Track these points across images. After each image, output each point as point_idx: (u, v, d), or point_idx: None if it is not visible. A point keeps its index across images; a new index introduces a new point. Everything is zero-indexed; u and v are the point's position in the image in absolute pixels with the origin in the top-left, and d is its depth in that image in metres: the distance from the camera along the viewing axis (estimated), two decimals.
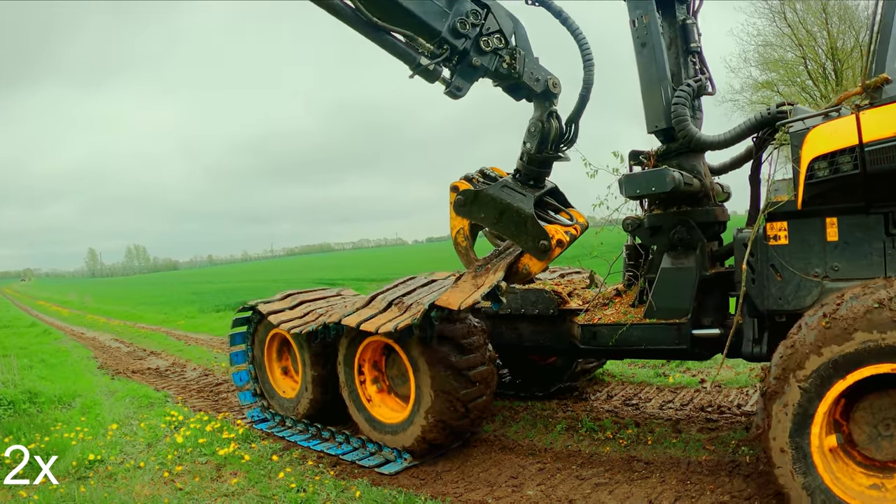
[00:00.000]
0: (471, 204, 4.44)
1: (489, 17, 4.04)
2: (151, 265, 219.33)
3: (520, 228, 4.25)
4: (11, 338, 17.10)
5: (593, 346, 5.07)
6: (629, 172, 4.91)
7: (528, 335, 5.55)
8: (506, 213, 4.30)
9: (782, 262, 3.86)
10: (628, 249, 5.37)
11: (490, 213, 4.37)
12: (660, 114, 4.78)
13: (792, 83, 22.68)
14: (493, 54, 4.09)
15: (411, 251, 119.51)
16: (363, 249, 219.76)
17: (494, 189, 4.37)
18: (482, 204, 4.40)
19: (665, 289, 4.71)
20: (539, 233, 4.16)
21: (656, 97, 4.80)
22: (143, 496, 4.63)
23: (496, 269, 4.44)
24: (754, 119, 4.46)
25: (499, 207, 4.32)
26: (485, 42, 4.01)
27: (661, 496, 4.01)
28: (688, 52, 4.99)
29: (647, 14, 4.77)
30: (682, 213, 4.80)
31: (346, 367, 5.36)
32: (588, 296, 5.60)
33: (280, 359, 6.48)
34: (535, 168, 4.38)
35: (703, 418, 5.49)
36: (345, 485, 4.60)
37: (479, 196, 4.40)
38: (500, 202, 4.32)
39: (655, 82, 4.81)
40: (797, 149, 3.66)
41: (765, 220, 3.94)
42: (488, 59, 4.08)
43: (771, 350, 4.07)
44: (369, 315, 4.86)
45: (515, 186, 4.38)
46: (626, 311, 5.04)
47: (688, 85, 4.72)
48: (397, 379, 5.32)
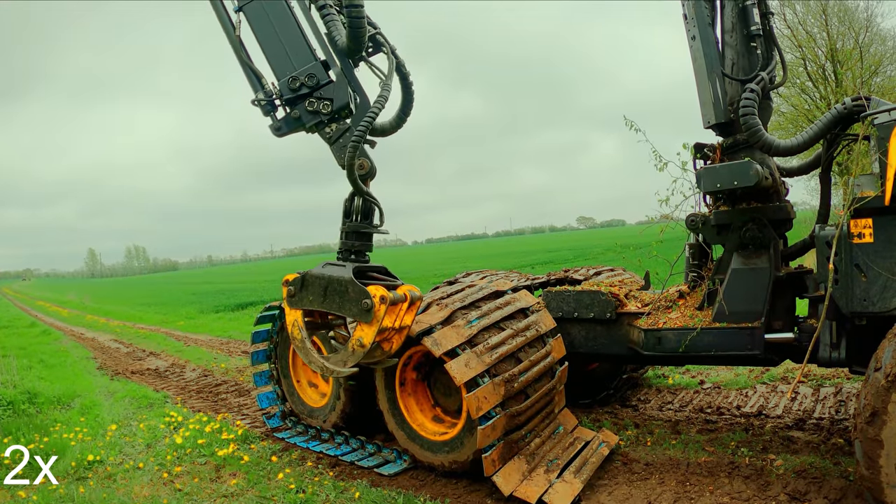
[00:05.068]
0: (299, 291, 4.37)
1: (329, 86, 4.38)
2: (151, 266, 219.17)
3: (343, 297, 4.15)
4: (11, 338, 17.11)
5: (658, 353, 4.72)
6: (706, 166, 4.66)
7: (581, 341, 5.21)
8: (329, 286, 4.23)
9: (867, 261, 3.67)
10: (692, 248, 5.09)
11: (316, 292, 4.28)
12: (711, 109, 4.62)
13: (791, 84, 22.66)
14: (315, 115, 4.41)
15: (411, 252, 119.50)
16: None
17: (317, 269, 4.36)
18: (308, 286, 4.35)
19: (737, 290, 4.46)
20: (360, 294, 4.05)
21: (706, 92, 4.63)
22: (143, 497, 4.63)
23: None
24: (831, 116, 4.19)
25: (322, 284, 4.27)
26: (310, 103, 4.38)
27: (660, 497, 4.01)
28: (749, 37, 4.72)
29: (695, 5, 4.65)
30: (753, 210, 4.55)
31: (386, 376, 4.92)
32: (645, 297, 5.25)
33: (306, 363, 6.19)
34: (352, 242, 4.47)
35: (703, 419, 5.49)
36: (344, 486, 4.59)
37: (306, 279, 4.35)
38: (323, 278, 4.27)
39: (704, 76, 4.63)
40: (884, 141, 3.53)
41: (850, 216, 3.72)
42: (310, 118, 4.43)
43: (850, 355, 4.00)
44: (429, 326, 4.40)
45: (336, 262, 4.41)
46: (692, 314, 4.73)
47: (751, 90, 4.43)
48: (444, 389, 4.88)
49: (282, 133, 4.55)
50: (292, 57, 4.43)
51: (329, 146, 4.50)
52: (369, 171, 4.39)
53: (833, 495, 3.77)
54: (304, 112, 4.41)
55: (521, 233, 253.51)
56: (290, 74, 4.38)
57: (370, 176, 4.42)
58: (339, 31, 4.46)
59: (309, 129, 4.50)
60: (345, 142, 4.37)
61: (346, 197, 4.51)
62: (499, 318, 4.65)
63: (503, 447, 4.22)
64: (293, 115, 4.44)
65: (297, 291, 4.38)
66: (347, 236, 4.49)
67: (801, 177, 5.57)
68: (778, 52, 4.88)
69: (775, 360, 4.54)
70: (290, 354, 6.04)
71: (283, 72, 4.42)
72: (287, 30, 4.46)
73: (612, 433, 5.00)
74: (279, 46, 4.45)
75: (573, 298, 5.22)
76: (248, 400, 7.60)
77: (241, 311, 22.04)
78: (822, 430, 4.92)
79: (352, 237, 4.48)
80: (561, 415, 4.92)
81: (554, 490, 4.08)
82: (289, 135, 4.58)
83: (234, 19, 4.49)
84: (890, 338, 3.23)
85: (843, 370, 6.00)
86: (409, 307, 4.27)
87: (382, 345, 4.34)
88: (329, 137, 4.47)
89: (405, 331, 4.33)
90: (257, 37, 4.47)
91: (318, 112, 4.38)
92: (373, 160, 4.42)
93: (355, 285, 4.10)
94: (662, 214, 4.89)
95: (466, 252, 73.42)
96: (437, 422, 4.84)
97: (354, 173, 4.28)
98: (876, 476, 3.09)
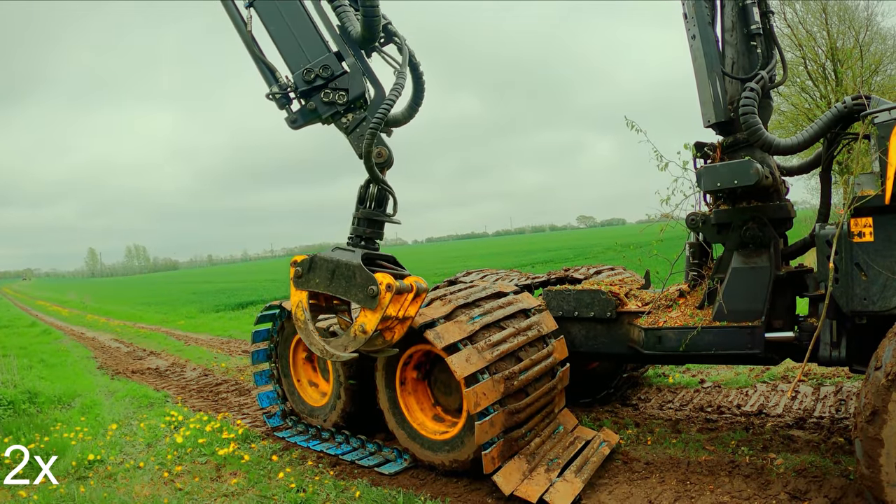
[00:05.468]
0: (307, 272, 4.39)
1: (343, 77, 4.42)
2: (151, 265, 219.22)
3: (350, 282, 4.17)
4: (11, 337, 17.12)
5: (658, 352, 4.71)
6: (706, 165, 4.66)
7: (582, 340, 5.21)
8: (336, 270, 4.25)
9: (867, 260, 3.66)
10: (692, 247, 5.09)
11: (323, 275, 4.31)
12: (711, 108, 4.63)
13: (791, 83, 22.64)
14: (331, 106, 4.45)
15: (411, 251, 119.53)
16: None
17: (326, 252, 4.39)
18: (316, 268, 4.36)
19: (737, 289, 4.46)
20: (367, 280, 4.07)
21: (706, 91, 4.64)
22: (143, 496, 4.64)
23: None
24: (831, 114, 4.20)
25: (330, 267, 4.28)
26: (325, 94, 4.42)
27: (660, 496, 4.01)
28: (749, 36, 4.70)
29: (695, 4, 4.66)
30: (754, 209, 4.55)
31: (387, 374, 4.92)
32: (646, 297, 5.26)
33: (307, 363, 6.08)
34: (363, 228, 4.48)
35: (703, 418, 5.49)
36: (344, 485, 4.60)
37: (314, 261, 4.38)
38: (331, 261, 4.29)
39: (705, 75, 4.64)
40: (884, 140, 3.53)
41: (850, 215, 3.72)
42: (326, 109, 4.46)
43: (850, 354, 3.99)
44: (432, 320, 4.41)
45: (346, 247, 4.43)
46: (692, 313, 4.73)
47: (751, 89, 4.44)
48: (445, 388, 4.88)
49: (297, 125, 4.57)
50: (305, 49, 4.45)
51: (346, 136, 4.53)
52: (387, 160, 4.40)
53: (833, 494, 3.77)
54: (320, 103, 4.44)
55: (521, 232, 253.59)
56: (303, 67, 4.41)
57: (388, 165, 4.43)
58: (351, 22, 4.49)
59: (325, 120, 4.53)
60: (362, 131, 4.38)
61: (361, 184, 4.52)
62: (501, 317, 4.66)
63: (503, 445, 4.22)
64: (309, 106, 4.47)
65: (305, 273, 4.39)
66: (359, 223, 4.50)
67: (802, 176, 5.57)
68: (778, 50, 4.87)
69: (775, 359, 4.53)
70: (290, 354, 6.04)
71: (297, 64, 4.44)
72: (299, 23, 4.48)
73: (612, 432, 5.00)
74: (292, 40, 4.47)
75: (573, 297, 5.22)
76: (248, 399, 7.60)
77: (241, 310, 22.05)
78: (822, 429, 4.92)
79: (363, 224, 4.48)
80: (561, 415, 4.93)
81: (555, 489, 4.08)
82: (304, 126, 4.60)
83: (245, 15, 4.49)
84: (890, 337, 3.22)
85: (843, 369, 6.00)
86: (415, 298, 4.26)
87: (384, 333, 4.34)
88: (346, 127, 4.48)
89: (408, 322, 4.33)
90: (269, 31, 4.49)
91: (333, 103, 4.42)
92: (391, 149, 4.44)
93: (363, 271, 4.11)
94: (663, 213, 4.87)
95: (467, 251, 73.43)
96: (438, 421, 4.84)
97: (372, 161, 4.28)
98: (876, 475, 3.09)
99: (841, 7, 21.90)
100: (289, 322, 5.89)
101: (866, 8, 22.06)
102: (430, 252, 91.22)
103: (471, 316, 4.55)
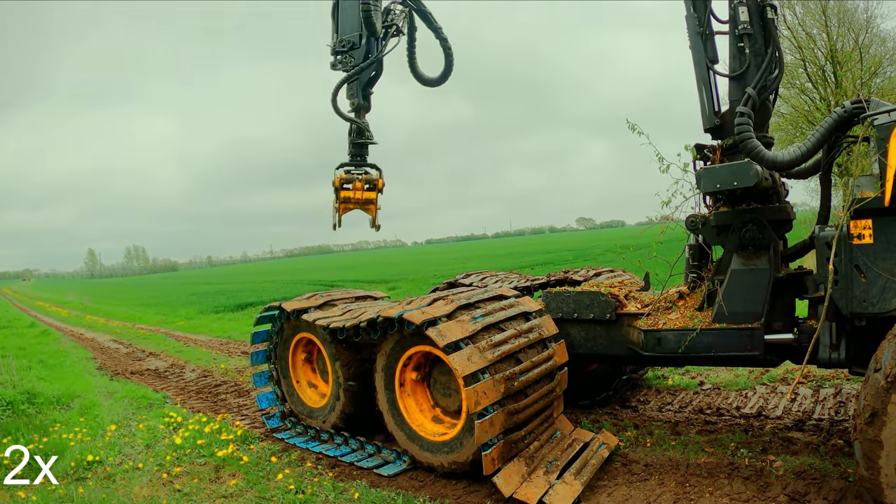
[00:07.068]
0: None
1: (357, 50, 6.60)
2: (150, 266, 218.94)
3: None
4: (10, 338, 17.09)
5: (658, 353, 4.72)
6: (706, 167, 4.68)
7: (581, 341, 5.23)
8: None
9: (867, 262, 3.67)
10: (691, 249, 5.11)
11: None
12: (703, 114, 4.74)
13: (791, 86, 22.66)
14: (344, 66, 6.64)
15: (411, 253, 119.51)
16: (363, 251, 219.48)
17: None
18: None
19: (736, 291, 4.47)
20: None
21: (700, 97, 4.77)
22: (142, 497, 4.63)
23: None
24: (831, 120, 4.17)
25: None
26: (345, 57, 6.67)
27: (659, 498, 4.01)
28: (738, 37, 4.68)
29: (686, 16, 4.75)
30: (753, 211, 4.56)
31: (386, 376, 4.94)
32: (645, 298, 5.29)
33: (306, 364, 6.09)
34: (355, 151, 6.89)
35: (702, 420, 5.49)
36: (343, 486, 4.59)
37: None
38: None
39: (698, 82, 4.75)
40: (884, 142, 3.54)
41: (849, 217, 3.72)
42: (341, 66, 6.66)
43: (850, 356, 3.99)
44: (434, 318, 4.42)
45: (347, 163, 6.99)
46: (692, 315, 4.73)
47: (741, 114, 4.35)
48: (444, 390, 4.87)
49: (334, 68, 6.72)
50: (346, 27, 6.68)
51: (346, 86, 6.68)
52: (357, 107, 6.71)
53: (832, 496, 3.77)
54: (340, 62, 6.66)
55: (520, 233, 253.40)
56: (341, 37, 6.68)
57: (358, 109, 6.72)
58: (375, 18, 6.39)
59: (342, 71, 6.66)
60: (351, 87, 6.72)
61: None
62: (502, 318, 4.67)
63: (503, 446, 4.22)
64: (338, 59, 6.68)
65: None
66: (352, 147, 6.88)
67: None
68: (776, 47, 4.82)
69: (775, 361, 4.53)
70: (289, 355, 6.04)
71: (342, 34, 6.69)
72: (349, 12, 6.64)
73: (611, 434, 5.00)
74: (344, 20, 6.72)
75: (573, 299, 5.23)
76: (247, 400, 7.60)
77: (240, 311, 22.06)
78: (821, 431, 4.92)
79: (355, 148, 6.88)
80: (558, 420, 4.93)
81: (554, 491, 4.08)
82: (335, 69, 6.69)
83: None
84: (889, 339, 3.23)
85: (842, 371, 6.00)
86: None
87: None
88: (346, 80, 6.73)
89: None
90: (340, 15, 6.72)
91: (346, 63, 6.61)
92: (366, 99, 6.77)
93: None
94: (662, 215, 4.86)
95: (466, 253, 73.39)
96: (437, 422, 4.84)
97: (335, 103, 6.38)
98: (875, 477, 3.09)
99: (840, 9, 21.93)
100: (288, 323, 5.90)
101: (866, 10, 22.10)
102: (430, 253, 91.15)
103: (473, 316, 4.57)
